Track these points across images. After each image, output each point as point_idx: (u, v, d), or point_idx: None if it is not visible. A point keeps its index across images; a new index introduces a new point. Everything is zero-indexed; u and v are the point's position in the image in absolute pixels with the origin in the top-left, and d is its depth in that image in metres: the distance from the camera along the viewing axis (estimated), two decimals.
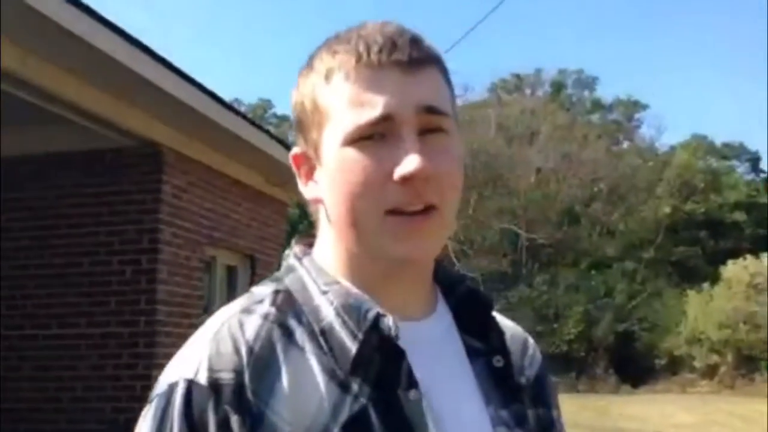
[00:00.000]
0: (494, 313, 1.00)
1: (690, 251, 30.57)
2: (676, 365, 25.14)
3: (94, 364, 6.00)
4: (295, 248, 0.94)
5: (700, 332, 23.91)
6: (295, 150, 0.93)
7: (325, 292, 0.85)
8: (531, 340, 1.05)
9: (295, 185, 0.93)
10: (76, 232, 6.21)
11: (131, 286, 6.07)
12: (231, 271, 7.87)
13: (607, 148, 34.32)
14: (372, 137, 0.83)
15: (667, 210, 30.93)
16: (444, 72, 0.90)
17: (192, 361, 0.81)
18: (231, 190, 7.48)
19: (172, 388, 0.79)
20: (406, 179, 0.81)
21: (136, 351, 5.96)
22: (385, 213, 0.83)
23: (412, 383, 0.81)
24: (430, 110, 0.84)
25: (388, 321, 0.81)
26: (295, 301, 0.86)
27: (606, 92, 49.24)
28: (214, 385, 0.77)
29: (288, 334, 0.82)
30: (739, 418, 12.63)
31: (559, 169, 31.74)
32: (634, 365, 25.26)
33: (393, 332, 0.81)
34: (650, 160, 35.39)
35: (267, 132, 7.57)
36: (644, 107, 41.39)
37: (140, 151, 6.23)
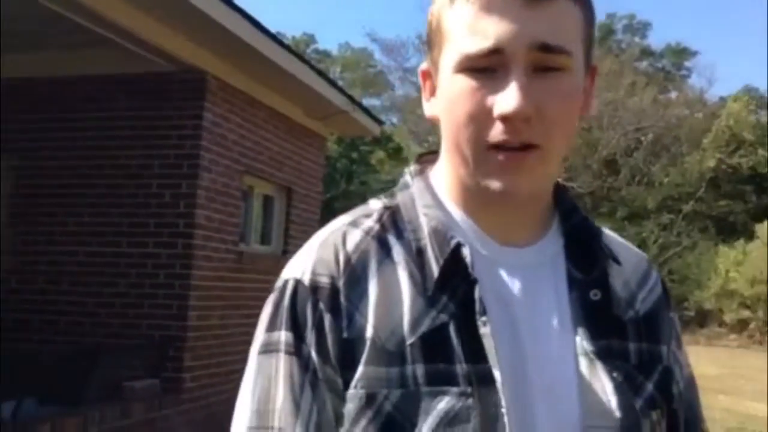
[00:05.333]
0: (621, 241, 1.02)
1: (732, 205, 29.98)
2: (704, 318, 24.96)
3: (132, 282, 6.17)
4: (413, 165, 0.99)
5: (732, 287, 23.67)
6: (423, 66, 0.96)
7: (425, 214, 0.91)
8: (654, 273, 1.02)
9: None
10: (123, 154, 6.31)
11: (170, 209, 6.19)
12: (267, 201, 7.97)
13: (655, 97, 33.47)
14: (484, 69, 0.83)
15: (712, 163, 30.18)
16: (584, 6, 0.87)
17: (302, 263, 0.90)
18: (271, 122, 7.52)
19: (284, 285, 0.90)
20: (504, 118, 0.82)
21: (173, 272, 6.10)
22: (488, 147, 0.84)
23: (483, 310, 0.85)
24: (545, 48, 0.82)
25: (466, 251, 0.86)
26: (401, 218, 0.92)
27: (657, 40, 47.93)
28: (314, 287, 0.87)
29: (386, 250, 0.89)
30: (766, 373, 12.60)
31: (603, 117, 31.15)
32: None
33: (468, 262, 0.86)
34: (699, 111, 34.49)
35: (309, 65, 7.52)
36: (694, 54, 40.32)
37: (183, 77, 6.27)
